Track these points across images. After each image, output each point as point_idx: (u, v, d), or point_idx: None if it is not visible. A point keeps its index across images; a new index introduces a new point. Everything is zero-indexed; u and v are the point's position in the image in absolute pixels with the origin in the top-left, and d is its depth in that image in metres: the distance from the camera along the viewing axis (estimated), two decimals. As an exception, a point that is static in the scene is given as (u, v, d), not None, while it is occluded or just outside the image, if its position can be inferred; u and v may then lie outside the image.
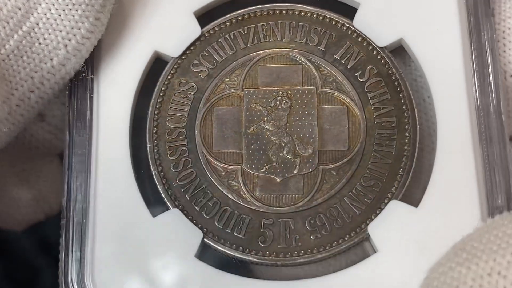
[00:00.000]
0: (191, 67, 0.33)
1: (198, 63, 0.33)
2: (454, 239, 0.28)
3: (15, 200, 0.36)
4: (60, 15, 0.30)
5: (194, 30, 0.33)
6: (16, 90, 0.31)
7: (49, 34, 0.31)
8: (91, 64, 0.32)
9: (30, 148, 0.35)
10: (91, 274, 0.30)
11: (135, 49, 0.33)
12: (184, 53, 0.33)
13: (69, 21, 0.30)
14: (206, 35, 0.33)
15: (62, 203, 0.31)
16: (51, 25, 0.31)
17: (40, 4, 0.30)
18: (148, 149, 0.32)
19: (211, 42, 0.33)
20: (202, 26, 0.33)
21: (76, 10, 0.30)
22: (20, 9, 0.30)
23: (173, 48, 0.33)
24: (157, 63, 0.33)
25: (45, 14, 0.30)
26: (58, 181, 0.36)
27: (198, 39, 0.33)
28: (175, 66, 0.33)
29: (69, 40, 0.31)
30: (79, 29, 0.31)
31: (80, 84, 0.32)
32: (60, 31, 0.31)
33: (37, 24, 0.31)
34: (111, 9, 0.31)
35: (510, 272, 0.24)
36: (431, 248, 0.29)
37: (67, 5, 0.30)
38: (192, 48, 0.33)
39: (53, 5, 0.30)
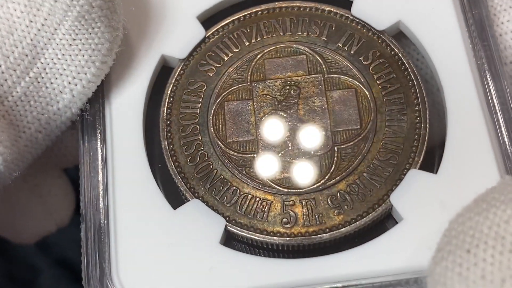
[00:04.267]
0: (198, 67, 0.33)
1: (205, 63, 0.33)
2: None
3: (29, 214, 0.36)
4: (66, 60, 0.30)
5: (198, 32, 0.34)
6: (24, 132, 0.31)
7: (56, 78, 0.31)
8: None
9: (58, 156, 0.35)
10: (116, 273, 0.29)
11: (143, 55, 0.33)
12: (190, 55, 0.34)
13: (75, 66, 0.30)
14: (211, 36, 0.34)
15: (81, 207, 0.31)
16: (58, 70, 0.30)
17: (47, 50, 0.30)
18: (162, 146, 0.32)
19: (216, 43, 0.34)
20: (206, 29, 0.34)
21: (83, 56, 0.30)
22: (27, 55, 0.30)
23: (179, 51, 0.34)
24: (164, 70, 0.34)
25: (52, 59, 0.30)
26: (68, 195, 0.37)
27: (203, 41, 0.34)
28: (183, 67, 0.33)
29: (75, 85, 0.31)
30: (85, 73, 0.31)
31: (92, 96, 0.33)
32: (67, 75, 0.31)
33: (44, 69, 0.30)
34: (118, 51, 0.31)
35: None
36: (455, 208, 0.29)
37: (74, 51, 0.30)
38: (198, 50, 0.34)
39: (60, 50, 0.30)
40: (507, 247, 0.24)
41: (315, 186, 0.31)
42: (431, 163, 0.31)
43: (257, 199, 0.31)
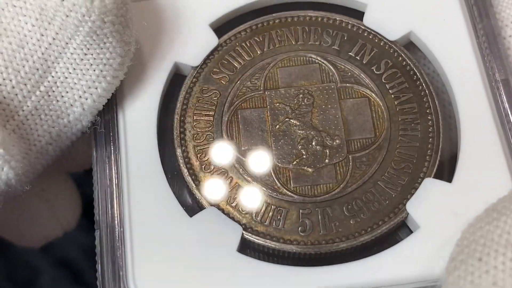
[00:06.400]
0: (211, 75, 0.33)
1: (218, 70, 0.33)
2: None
3: (36, 218, 0.35)
4: (77, 75, 0.30)
5: (211, 40, 0.34)
6: (35, 145, 0.31)
7: (67, 92, 0.30)
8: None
9: (68, 160, 0.35)
10: (133, 281, 0.29)
11: (155, 62, 0.33)
12: (203, 62, 0.34)
13: (86, 81, 0.30)
14: (223, 44, 0.34)
15: (95, 215, 0.31)
16: (69, 84, 0.30)
17: (58, 64, 0.30)
18: (177, 153, 0.32)
19: (228, 51, 0.34)
20: (218, 37, 0.34)
21: (94, 70, 0.30)
22: (38, 69, 0.30)
23: (192, 58, 0.33)
24: (177, 78, 0.34)
25: (63, 73, 0.30)
26: (74, 199, 0.37)
27: (215, 49, 0.34)
28: (196, 75, 0.33)
29: (86, 99, 0.30)
30: (96, 88, 0.30)
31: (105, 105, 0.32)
32: (77, 90, 0.30)
33: (55, 83, 0.30)
34: (129, 65, 0.31)
35: None
36: (469, 218, 0.29)
37: (85, 65, 0.30)
38: (211, 57, 0.34)
39: (71, 64, 0.30)
40: None
41: (330, 194, 0.31)
42: (445, 171, 0.31)
43: (273, 207, 0.31)
